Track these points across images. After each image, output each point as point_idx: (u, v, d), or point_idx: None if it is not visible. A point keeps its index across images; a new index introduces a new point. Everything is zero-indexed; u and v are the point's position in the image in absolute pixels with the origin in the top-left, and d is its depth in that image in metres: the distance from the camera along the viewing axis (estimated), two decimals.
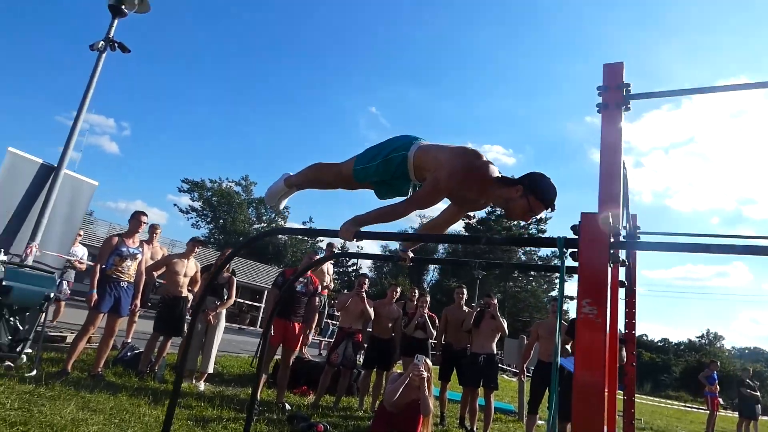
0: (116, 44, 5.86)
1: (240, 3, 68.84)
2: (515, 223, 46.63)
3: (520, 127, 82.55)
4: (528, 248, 47.28)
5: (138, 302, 5.26)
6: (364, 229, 2.36)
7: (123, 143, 66.74)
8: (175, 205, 66.57)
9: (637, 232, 4.73)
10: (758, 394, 10.85)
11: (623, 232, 2.81)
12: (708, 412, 11.63)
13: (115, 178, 69.55)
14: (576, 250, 1.69)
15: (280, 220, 51.83)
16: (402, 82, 79.62)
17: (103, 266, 4.80)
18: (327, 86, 75.01)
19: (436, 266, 52.22)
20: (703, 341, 64.12)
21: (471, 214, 2.74)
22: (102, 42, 5.78)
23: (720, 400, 11.76)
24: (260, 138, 72.67)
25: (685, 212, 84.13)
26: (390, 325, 6.18)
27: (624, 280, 2.30)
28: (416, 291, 7.71)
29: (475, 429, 5.54)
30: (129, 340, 6.30)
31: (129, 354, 5.86)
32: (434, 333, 6.25)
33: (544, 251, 47.02)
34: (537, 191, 2.20)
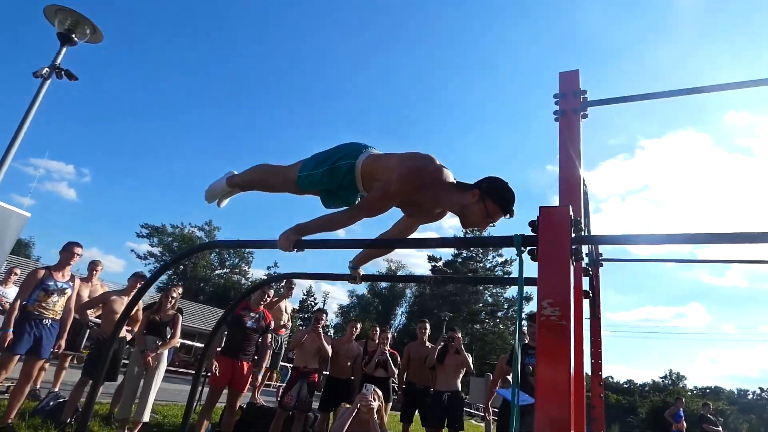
0: (63, 71, 5.56)
1: (205, 49, 69.31)
2: (481, 265, 47.06)
3: (479, 177, 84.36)
4: (494, 289, 47.55)
5: (63, 343, 4.69)
6: (307, 238, 2.14)
7: (82, 190, 64.20)
8: (132, 251, 63.78)
9: (599, 259, 4.67)
10: (720, 429, 10.81)
11: (585, 255, 2.67)
12: None
13: (73, 226, 66.33)
14: (534, 247, 1.51)
15: (243, 265, 50.42)
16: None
17: (24, 302, 4.29)
18: (298, 130, 75.18)
19: (404, 311, 51.55)
20: (667, 381, 65.00)
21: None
22: (47, 68, 5.47)
23: None
24: None
25: (645, 255, 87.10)
26: (349, 364, 5.79)
27: (588, 290, 2.13)
28: (377, 328, 7.38)
29: None
30: (56, 389, 5.64)
31: (52, 403, 5.20)
32: (396, 371, 5.90)
33: (512, 291, 47.31)
34: (495, 195, 2.06)
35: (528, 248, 1.58)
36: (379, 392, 3.98)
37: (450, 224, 75.75)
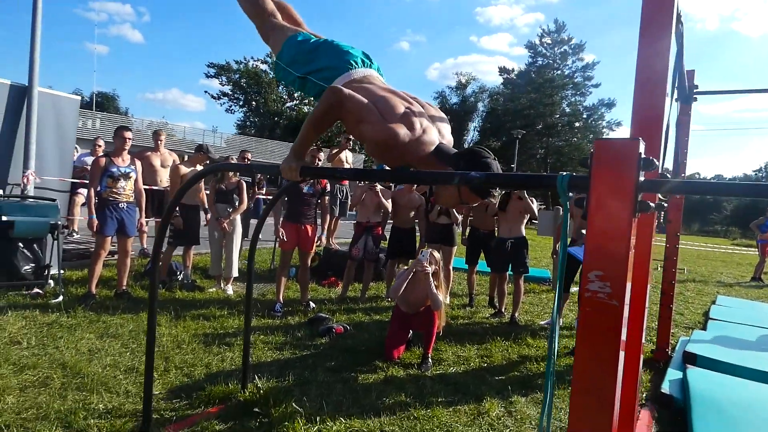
0: None
1: None
2: (558, 72, 42.99)
3: None
4: (572, 98, 44.19)
5: (143, 220, 5.13)
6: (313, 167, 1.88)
7: (145, 30, 64.31)
8: (206, 91, 65.67)
9: (693, 93, 3.87)
10: None
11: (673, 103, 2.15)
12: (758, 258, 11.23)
13: (146, 68, 68.57)
14: (584, 196, 1.14)
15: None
16: None
17: (98, 189, 4.58)
18: None
19: (477, 126, 50.37)
20: (761, 174, 60.93)
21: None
22: None
23: None
24: None
25: (755, 37, 74.02)
26: (411, 214, 5.86)
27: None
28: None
29: (503, 310, 5.46)
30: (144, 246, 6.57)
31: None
32: (459, 218, 5.91)
33: (591, 99, 43.85)
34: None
35: (577, 194, 1.20)
36: (437, 255, 4.00)
37: (525, 22, 67.59)
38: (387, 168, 1.88)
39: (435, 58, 79.34)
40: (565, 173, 1.20)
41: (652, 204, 1.09)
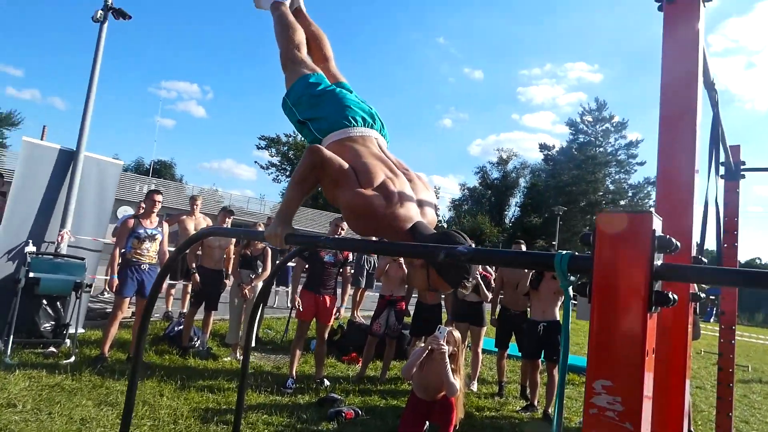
0: (116, 12, 5.46)
1: None
2: (601, 149, 42.73)
3: (607, 39, 74.08)
4: (616, 175, 43.46)
5: (164, 282, 5.12)
6: (298, 235, 1.77)
7: (208, 106, 71.32)
8: (256, 161, 70.04)
9: (741, 170, 3.57)
10: None
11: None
12: None
13: (205, 140, 75.49)
14: (586, 283, 0.92)
15: None
16: (470, 9, 74.20)
17: (123, 250, 4.64)
18: (388, 18, 72.60)
19: (518, 202, 49.96)
20: None
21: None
22: (101, 11, 5.40)
23: None
24: None
25: None
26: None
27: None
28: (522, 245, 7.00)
29: (536, 403, 4.90)
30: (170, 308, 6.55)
31: (176, 329, 5.87)
32: (489, 295, 5.55)
33: (637, 177, 42.96)
34: (441, 266, 1.51)
35: (579, 277, 0.99)
36: (457, 334, 3.67)
37: (567, 101, 69.06)
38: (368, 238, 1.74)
39: (477, 135, 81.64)
40: (565, 252, 0.99)
41: (674, 296, 0.86)
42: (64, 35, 67.29)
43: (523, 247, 5.48)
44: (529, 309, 5.29)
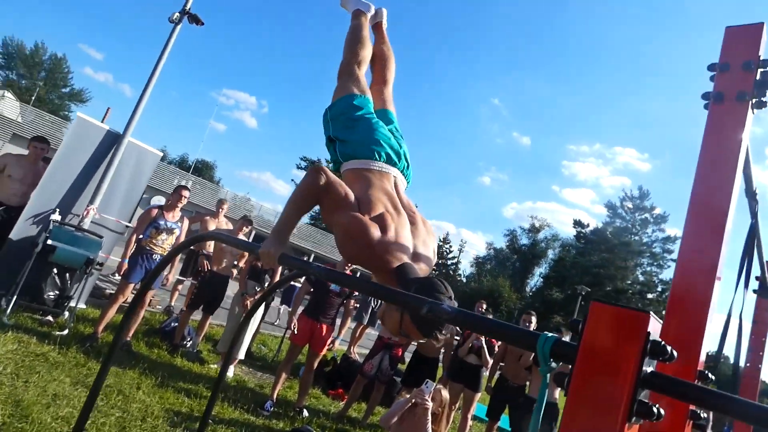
0: (191, 17, 5.80)
1: None
2: (636, 238, 41.70)
3: (661, 129, 73.60)
4: (650, 269, 42.11)
5: (170, 277, 5.16)
6: (291, 256, 1.74)
7: (261, 119, 74.77)
8: (293, 180, 71.95)
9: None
10: None
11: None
12: None
13: (250, 150, 78.78)
14: (567, 375, 0.84)
15: None
16: (528, 74, 75.66)
17: (140, 236, 4.72)
18: (453, 66, 74.69)
19: (542, 272, 48.90)
20: None
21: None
22: (178, 14, 5.74)
23: None
24: None
25: None
26: (439, 344, 5.40)
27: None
28: (483, 305, 6.79)
29: None
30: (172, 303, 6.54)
31: (173, 325, 5.85)
32: (490, 361, 5.32)
33: (670, 274, 41.56)
34: (414, 313, 1.45)
35: (560, 363, 0.91)
36: (445, 393, 3.51)
37: (610, 183, 68.23)
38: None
39: (514, 198, 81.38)
40: (550, 335, 0.92)
41: (660, 411, 0.77)
42: (144, 30, 72.21)
43: (533, 320, 5.27)
44: (528, 384, 5.05)
